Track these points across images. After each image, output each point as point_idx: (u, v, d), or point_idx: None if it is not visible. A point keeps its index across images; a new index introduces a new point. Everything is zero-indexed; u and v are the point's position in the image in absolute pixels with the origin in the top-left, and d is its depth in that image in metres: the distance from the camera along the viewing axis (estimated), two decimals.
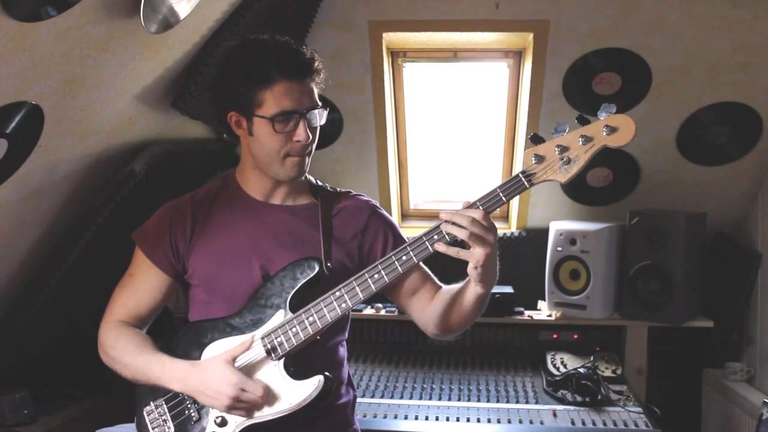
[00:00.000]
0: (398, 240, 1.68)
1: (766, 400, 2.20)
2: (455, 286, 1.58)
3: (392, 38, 2.66)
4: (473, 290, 1.49)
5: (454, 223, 1.40)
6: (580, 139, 1.40)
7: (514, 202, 2.99)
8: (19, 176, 1.67)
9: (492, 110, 2.99)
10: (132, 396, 1.62)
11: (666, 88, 2.55)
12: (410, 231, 3.05)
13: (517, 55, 2.77)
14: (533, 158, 1.43)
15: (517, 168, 2.91)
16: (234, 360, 1.48)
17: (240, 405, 1.45)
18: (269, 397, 1.48)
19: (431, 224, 1.47)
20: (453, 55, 2.83)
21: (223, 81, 1.55)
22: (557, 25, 2.44)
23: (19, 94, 1.47)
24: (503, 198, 1.43)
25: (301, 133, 1.51)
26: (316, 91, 1.56)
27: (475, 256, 1.40)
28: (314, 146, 1.60)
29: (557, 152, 1.41)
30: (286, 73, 1.49)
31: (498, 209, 1.57)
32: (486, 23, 2.51)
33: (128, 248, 1.68)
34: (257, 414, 1.49)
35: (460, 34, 2.63)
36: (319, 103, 1.56)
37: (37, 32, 1.36)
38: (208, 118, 2.39)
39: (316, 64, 1.54)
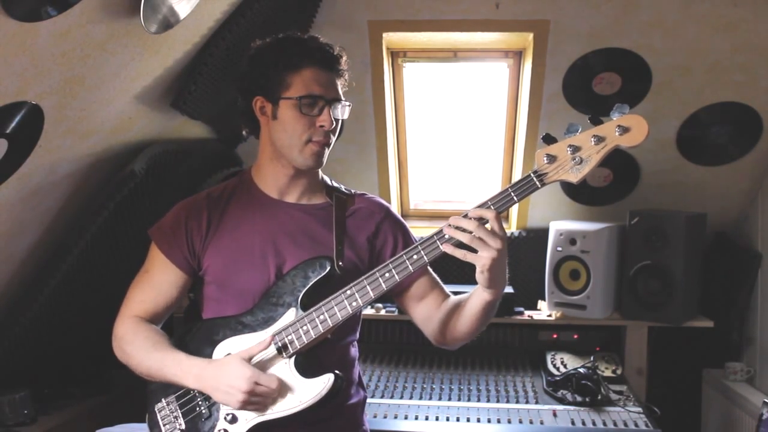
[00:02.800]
0: (408, 243, 1.67)
1: (766, 400, 2.21)
2: (464, 295, 1.59)
3: (392, 38, 2.66)
4: (481, 296, 1.50)
5: (459, 227, 1.40)
6: (593, 139, 1.40)
7: None
8: (19, 176, 1.67)
9: (492, 110, 2.99)
10: (133, 396, 1.62)
11: (666, 88, 2.55)
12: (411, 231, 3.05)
13: (517, 55, 2.77)
14: (545, 158, 1.42)
15: (518, 168, 2.91)
16: (250, 359, 1.49)
17: (254, 400, 1.45)
18: (279, 394, 1.49)
19: (432, 224, 1.47)
20: (453, 55, 2.83)
21: (252, 66, 1.59)
22: (557, 25, 2.44)
23: (19, 94, 1.47)
24: (515, 198, 1.43)
25: (325, 118, 1.55)
26: (341, 88, 1.60)
27: (481, 259, 1.40)
28: (334, 140, 1.62)
29: (569, 152, 1.41)
30: (316, 60, 1.55)
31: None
32: (486, 23, 2.51)
33: (128, 248, 1.68)
34: (267, 411, 1.49)
35: (460, 34, 2.63)
36: (344, 99, 1.60)
37: (37, 32, 1.35)
38: (208, 118, 2.39)
39: (344, 61, 1.60)
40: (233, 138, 2.72)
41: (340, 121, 1.61)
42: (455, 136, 3.15)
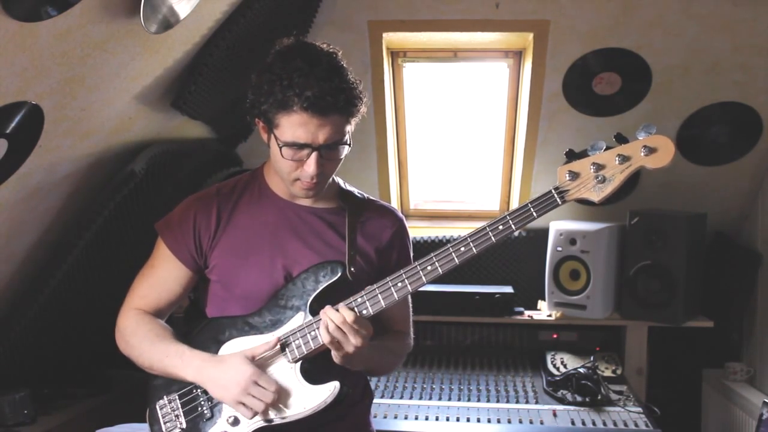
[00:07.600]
0: (407, 262, 1.65)
1: (766, 400, 2.21)
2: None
3: (392, 38, 2.66)
4: None
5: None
6: (617, 158, 1.37)
7: (515, 201, 3.00)
8: (19, 176, 1.67)
9: (492, 110, 2.99)
10: (133, 396, 1.62)
11: (666, 88, 2.55)
12: (410, 231, 3.04)
13: (517, 55, 2.77)
14: (567, 174, 1.40)
15: (517, 168, 2.91)
16: (254, 358, 1.48)
17: (249, 400, 1.44)
18: (283, 399, 1.47)
19: (432, 224, 1.47)
20: (453, 55, 2.83)
21: (255, 87, 1.48)
22: (557, 25, 2.44)
23: (19, 94, 1.47)
24: (534, 214, 1.41)
25: (310, 165, 1.46)
26: (344, 126, 1.47)
27: (334, 354, 1.45)
28: (332, 171, 1.55)
29: (592, 170, 1.39)
30: (308, 106, 1.40)
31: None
32: (486, 23, 2.51)
33: (128, 248, 1.68)
34: (270, 416, 1.47)
35: (460, 34, 2.63)
36: (343, 137, 1.48)
37: (37, 32, 1.35)
38: (208, 118, 2.39)
39: (349, 100, 1.44)
40: (233, 138, 2.72)
41: (336, 161, 1.52)
42: (455, 136, 3.15)
